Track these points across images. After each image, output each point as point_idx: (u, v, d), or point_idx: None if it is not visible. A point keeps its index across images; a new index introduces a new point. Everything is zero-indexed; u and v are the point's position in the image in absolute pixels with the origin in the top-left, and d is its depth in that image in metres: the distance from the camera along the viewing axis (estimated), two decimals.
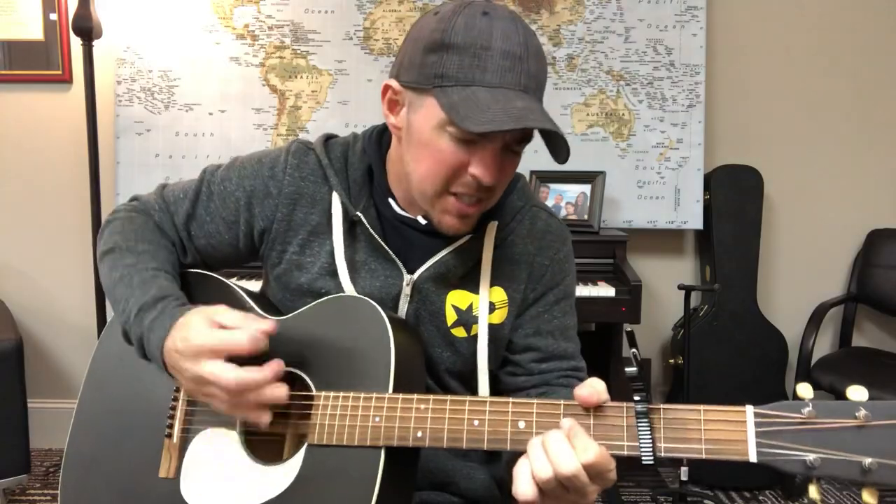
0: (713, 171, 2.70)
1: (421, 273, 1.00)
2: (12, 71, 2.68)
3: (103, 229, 1.07)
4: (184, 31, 2.63)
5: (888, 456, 0.63)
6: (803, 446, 0.66)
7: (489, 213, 1.02)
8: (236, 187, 1.04)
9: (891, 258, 2.69)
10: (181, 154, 2.64)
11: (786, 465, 0.67)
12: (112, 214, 1.09)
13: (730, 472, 2.56)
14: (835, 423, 0.66)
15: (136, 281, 0.96)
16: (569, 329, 1.07)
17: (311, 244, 1.02)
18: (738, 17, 2.77)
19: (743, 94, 2.79)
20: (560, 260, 1.07)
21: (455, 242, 1.00)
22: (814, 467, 0.65)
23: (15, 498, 2.42)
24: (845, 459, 0.64)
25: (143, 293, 0.94)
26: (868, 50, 2.78)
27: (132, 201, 1.12)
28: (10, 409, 2.17)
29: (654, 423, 0.73)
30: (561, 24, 2.68)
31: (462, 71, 0.86)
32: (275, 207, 1.02)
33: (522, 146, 0.94)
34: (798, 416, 0.67)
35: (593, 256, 2.44)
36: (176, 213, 1.07)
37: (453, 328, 1.01)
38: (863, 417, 0.65)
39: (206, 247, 1.07)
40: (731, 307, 2.64)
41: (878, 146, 2.82)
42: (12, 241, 2.78)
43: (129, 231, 1.04)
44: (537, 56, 0.88)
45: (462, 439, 0.81)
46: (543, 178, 2.63)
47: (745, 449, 0.69)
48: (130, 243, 1.02)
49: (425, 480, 1.02)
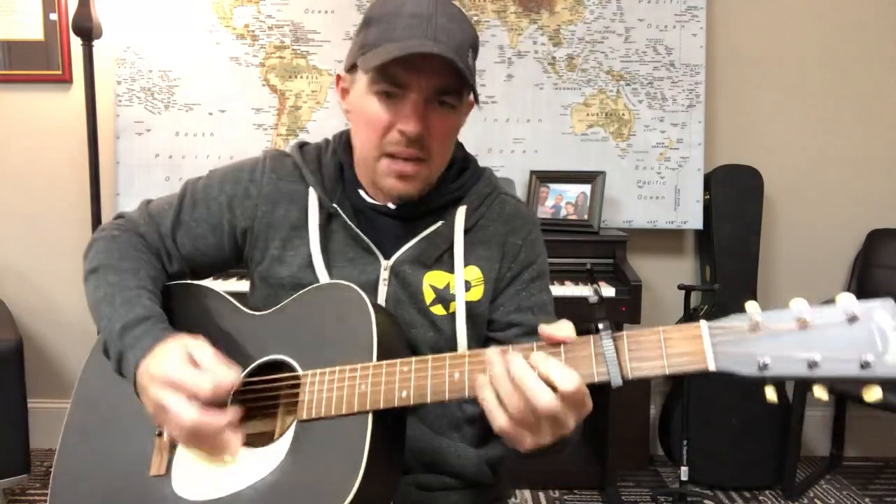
0: (713, 171, 2.70)
1: (397, 258, 1.05)
2: (12, 71, 2.68)
3: (88, 249, 1.11)
4: (184, 31, 2.63)
5: (831, 351, 0.69)
6: (755, 350, 0.72)
7: (458, 199, 1.08)
8: (218, 192, 1.10)
9: (891, 258, 2.69)
10: (181, 154, 2.64)
11: (742, 369, 0.72)
12: (97, 233, 1.13)
13: (730, 471, 2.56)
14: (781, 327, 0.72)
15: (119, 300, 0.99)
16: (546, 305, 1.11)
17: (291, 240, 1.07)
18: (738, 17, 2.77)
19: (743, 94, 2.79)
20: (532, 241, 1.12)
21: (427, 228, 1.06)
22: (766, 367, 0.71)
23: (15, 498, 2.42)
24: (794, 357, 0.70)
25: (127, 312, 0.97)
26: (868, 50, 2.78)
27: (117, 219, 1.15)
28: (10, 409, 2.17)
29: (619, 348, 0.77)
30: (561, 24, 2.68)
31: (378, 35, 0.95)
32: (255, 207, 1.08)
33: (451, 98, 0.98)
34: (748, 324, 0.73)
35: (593, 256, 2.44)
36: (162, 223, 1.11)
37: (432, 306, 1.05)
38: (806, 319, 0.71)
39: (193, 252, 1.11)
40: (731, 307, 2.61)
41: (878, 146, 2.82)
42: (12, 241, 2.78)
43: (113, 249, 1.07)
44: (451, 17, 0.95)
45: (444, 392, 0.84)
46: (543, 178, 2.63)
47: (703, 359, 0.73)
48: (113, 262, 1.05)
49: (415, 461, 1.04)
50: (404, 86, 0.95)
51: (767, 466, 2.56)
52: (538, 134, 2.69)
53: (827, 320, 0.70)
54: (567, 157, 2.69)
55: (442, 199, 1.08)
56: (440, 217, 1.07)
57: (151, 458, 0.96)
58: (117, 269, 1.04)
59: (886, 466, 2.81)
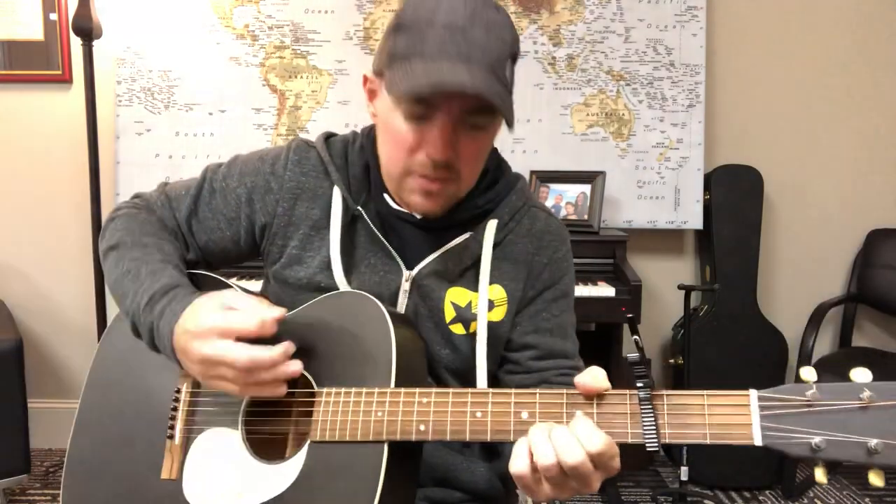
0: (713, 171, 2.70)
1: (420, 269, 1.00)
2: (12, 71, 2.68)
3: (106, 226, 1.06)
4: (184, 31, 2.63)
5: (894, 436, 0.63)
6: (808, 429, 0.65)
7: (488, 212, 1.02)
8: (238, 184, 1.05)
9: (891, 258, 2.69)
10: (181, 154, 2.64)
11: (792, 449, 0.66)
12: (114, 212, 1.08)
13: (730, 471, 2.56)
14: (839, 404, 0.65)
15: (145, 272, 0.94)
16: (567, 327, 1.07)
17: (311, 239, 1.02)
18: (738, 17, 2.77)
19: (743, 94, 2.79)
20: (558, 259, 1.07)
21: (454, 240, 1.00)
22: (819, 449, 0.65)
23: (15, 498, 2.42)
24: (851, 440, 0.64)
25: (153, 282, 0.92)
26: (868, 50, 2.78)
27: (134, 198, 1.12)
28: (10, 409, 2.17)
29: (658, 410, 0.73)
30: (561, 24, 2.68)
31: (406, 48, 0.87)
32: (276, 202, 1.03)
33: (482, 119, 0.91)
34: (802, 398, 0.66)
35: (593, 256, 2.45)
36: (178, 209, 1.07)
37: (452, 324, 1.01)
38: (867, 398, 0.64)
39: (208, 243, 1.07)
40: (731, 307, 2.64)
41: (878, 146, 2.82)
42: (12, 241, 2.78)
43: (134, 226, 1.03)
44: (488, 26, 0.87)
45: (465, 431, 0.81)
46: (543, 178, 2.63)
47: (749, 433, 0.68)
48: (135, 237, 1.00)
49: (427, 476, 1.02)
50: (434, 106, 0.88)
51: (767, 466, 2.56)
52: (538, 134, 2.69)
53: (892, 401, 0.64)
54: (567, 157, 2.69)
55: (472, 212, 1.02)
56: (468, 229, 1.01)
57: (162, 461, 0.95)
58: (140, 245, 0.99)
59: None
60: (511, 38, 0.90)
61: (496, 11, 0.89)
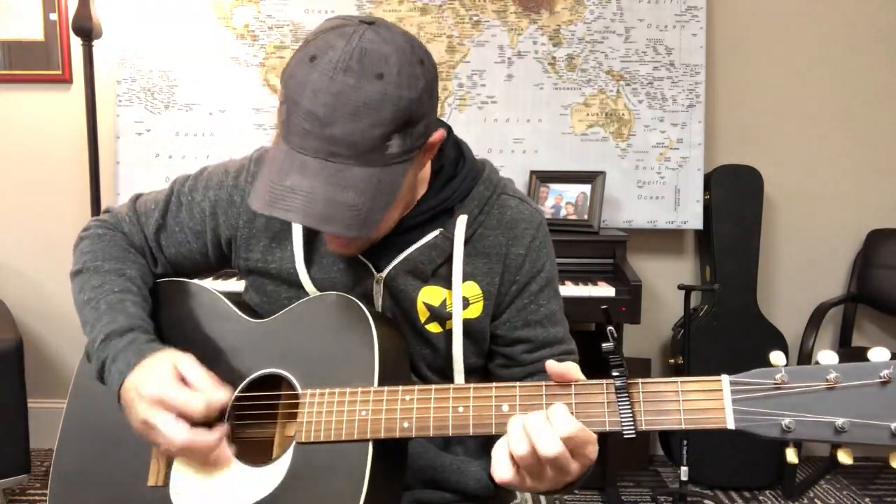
0: (713, 171, 2.70)
1: (389, 270, 0.99)
2: (12, 71, 2.68)
3: (75, 247, 1.09)
4: (184, 31, 2.63)
5: (859, 415, 0.65)
6: (778, 411, 0.68)
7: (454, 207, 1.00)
8: (202, 198, 1.06)
9: (891, 258, 2.69)
10: (181, 154, 2.64)
11: (763, 430, 0.68)
12: (83, 231, 1.10)
13: (730, 471, 2.56)
14: (807, 386, 0.68)
15: (104, 306, 0.97)
16: (555, 314, 1.05)
17: (272, 250, 1.03)
18: (738, 17, 2.77)
19: (743, 94, 2.79)
20: (537, 247, 1.03)
21: (423, 238, 0.99)
22: (790, 430, 0.67)
23: (15, 498, 2.42)
24: (819, 421, 0.67)
25: (111, 320, 0.95)
26: (868, 50, 2.78)
27: (104, 213, 1.13)
28: (10, 409, 2.17)
29: (634, 398, 0.74)
30: (561, 24, 2.68)
31: (282, 124, 0.84)
32: (237, 216, 1.04)
33: None
34: (771, 381, 0.69)
35: (593, 256, 2.44)
36: (146, 224, 1.09)
37: (427, 324, 1.00)
38: (833, 379, 0.67)
39: (177, 256, 1.09)
40: (731, 307, 2.64)
41: (878, 146, 2.82)
42: (12, 241, 2.78)
43: (98, 250, 1.05)
44: (355, 112, 0.79)
45: (448, 426, 0.82)
46: (543, 178, 2.63)
47: (722, 417, 0.70)
48: (98, 262, 1.03)
49: (416, 478, 1.02)
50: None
51: (767, 466, 2.56)
52: (538, 134, 2.69)
53: (858, 381, 0.66)
54: (567, 157, 2.69)
55: (437, 208, 0.99)
56: (437, 224, 0.99)
57: (149, 467, 0.95)
58: (101, 271, 1.02)
59: (886, 467, 2.80)
60: (399, 96, 0.80)
61: (374, 82, 0.79)
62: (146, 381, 0.88)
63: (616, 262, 2.42)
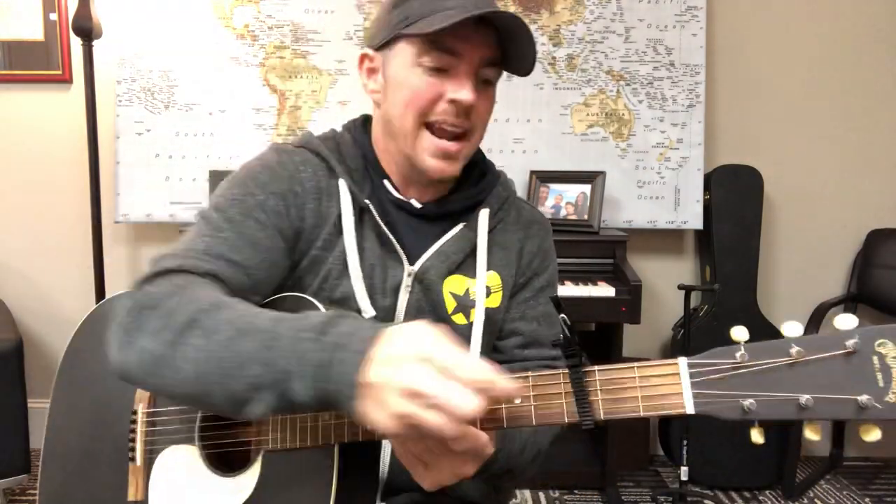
0: (713, 171, 2.70)
1: (423, 264, 1.00)
2: (12, 71, 2.68)
3: (144, 318, 0.78)
4: (184, 31, 2.63)
5: (824, 390, 0.62)
6: (739, 391, 0.65)
7: (479, 202, 1.05)
8: (265, 196, 0.94)
9: (891, 258, 2.69)
10: (181, 154, 2.64)
11: (723, 413, 0.65)
12: (144, 297, 0.80)
13: (730, 471, 2.56)
14: (768, 363, 0.64)
15: (264, 322, 0.74)
16: (552, 316, 1.07)
17: (332, 239, 0.98)
18: (738, 17, 2.77)
19: (743, 94, 2.79)
20: (546, 249, 1.10)
21: (449, 231, 1.02)
22: (751, 411, 0.64)
23: (15, 498, 2.42)
24: (782, 398, 0.63)
25: (301, 321, 0.73)
26: (868, 50, 2.78)
27: (159, 276, 0.84)
28: (10, 409, 2.16)
29: (590, 387, 0.71)
30: (561, 24, 2.68)
31: (424, 6, 0.92)
32: (301, 206, 0.97)
33: (493, 72, 0.96)
34: (731, 361, 0.66)
35: (593, 256, 2.44)
36: (222, 254, 0.88)
37: (453, 315, 1.01)
38: (796, 354, 0.64)
39: (262, 271, 0.92)
40: (731, 307, 2.64)
41: (878, 146, 2.82)
42: (12, 241, 2.78)
43: (194, 298, 0.79)
44: None
45: None
46: (543, 178, 2.63)
47: (681, 402, 0.68)
48: (212, 301, 0.78)
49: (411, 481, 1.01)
50: (458, 55, 0.92)
51: (767, 466, 2.56)
52: (538, 134, 2.69)
53: (821, 353, 0.63)
54: (567, 157, 2.69)
55: (464, 202, 1.04)
56: (461, 220, 1.03)
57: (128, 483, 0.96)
58: (225, 306, 0.77)
59: (886, 467, 2.81)
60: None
61: None
62: (414, 343, 0.67)
63: (616, 262, 2.42)
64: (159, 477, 0.95)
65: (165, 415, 0.97)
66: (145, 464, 0.96)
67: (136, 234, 2.78)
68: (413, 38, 0.92)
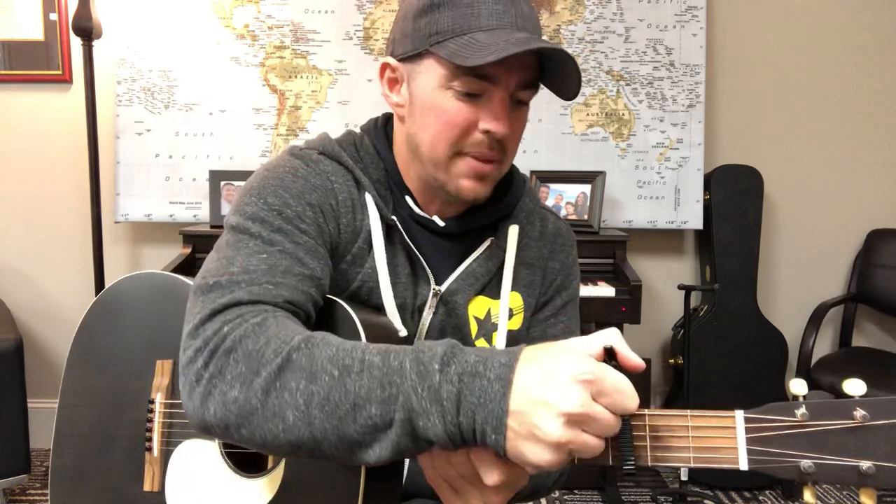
0: (713, 171, 2.70)
1: (450, 284, 0.96)
2: (12, 71, 2.68)
3: (224, 364, 0.70)
4: (184, 31, 2.63)
5: (887, 458, 0.59)
6: (797, 451, 0.62)
7: (507, 217, 1.00)
8: (301, 206, 0.87)
9: (891, 258, 2.69)
10: (181, 154, 2.64)
11: (779, 472, 0.62)
12: (218, 339, 0.72)
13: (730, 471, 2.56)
14: (830, 424, 0.61)
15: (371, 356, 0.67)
16: (573, 333, 1.05)
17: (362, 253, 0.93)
18: (738, 17, 2.77)
19: (743, 94, 2.79)
20: (570, 264, 1.06)
21: (476, 248, 0.97)
22: (809, 473, 0.61)
23: (15, 498, 2.42)
24: (842, 463, 0.60)
25: (414, 351, 0.66)
26: (868, 50, 2.78)
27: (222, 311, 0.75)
28: (10, 409, 2.17)
29: (639, 431, 0.67)
30: (561, 24, 2.68)
31: (456, 22, 0.84)
32: (337, 220, 0.91)
33: (529, 94, 0.91)
34: (791, 419, 0.62)
35: (593, 256, 2.45)
36: (288, 269, 0.81)
37: (476, 340, 0.97)
38: (860, 418, 0.60)
39: (327, 278, 0.88)
40: (731, 307, 2.64)
41: (878, 146, 2.82)
42: (12, 241, 2.78)
43: (278, 335, 0.71)
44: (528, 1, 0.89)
45: None
46: (543, 178, 2.63)
47: (735, 457, 0.64)
48: (301, 338, 0.71)
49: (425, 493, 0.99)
50: (493, 80, 0.85)
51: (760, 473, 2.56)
52: (538, 134, 2.69)
53: (888, 419, 0.60)
54: (567, 157, 2.69)
55: (492, 217, 0.98)
56: (486, 234, 0.97)
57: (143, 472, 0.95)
58: (319, 343, 0.70)
59: None
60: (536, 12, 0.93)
61: None
62: (561, 365, 0.63)
63: (616, 262, 2.42)
64: (176, 471, 0.94)
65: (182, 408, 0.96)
66: (162, 455, 0.95)
67: (136, 234, 2.79)
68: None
